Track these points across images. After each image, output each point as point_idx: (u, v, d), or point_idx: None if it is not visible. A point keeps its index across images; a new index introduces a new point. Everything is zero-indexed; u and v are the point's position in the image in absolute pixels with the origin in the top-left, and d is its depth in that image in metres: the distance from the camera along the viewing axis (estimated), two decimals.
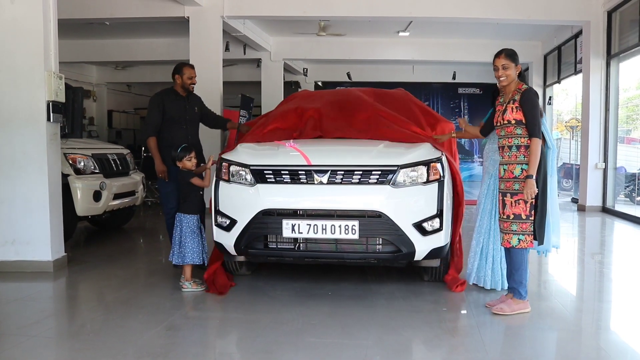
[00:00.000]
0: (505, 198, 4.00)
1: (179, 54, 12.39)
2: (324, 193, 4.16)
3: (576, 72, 11.81)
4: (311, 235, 4.10)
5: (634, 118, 13.43)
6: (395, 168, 4.16)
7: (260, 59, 13.63)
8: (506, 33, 12.63)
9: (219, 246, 4.50)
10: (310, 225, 4.10)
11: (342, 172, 4.16)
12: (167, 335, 3.51)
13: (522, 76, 4.18)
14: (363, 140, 4.75)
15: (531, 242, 3.94)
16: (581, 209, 10.21)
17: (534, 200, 3.90)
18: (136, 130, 19.59)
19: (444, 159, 4.44)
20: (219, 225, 4.45)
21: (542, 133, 4.32)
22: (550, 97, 14.17)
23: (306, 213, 4.14)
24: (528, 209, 3.91)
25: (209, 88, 9.04)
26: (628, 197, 11.32)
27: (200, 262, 4.55)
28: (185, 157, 4.62)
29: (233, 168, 4.43)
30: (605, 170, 10.08)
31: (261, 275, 5.08)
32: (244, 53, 12.44)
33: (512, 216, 3.94)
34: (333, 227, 4.08)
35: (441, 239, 4.24)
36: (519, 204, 3.92)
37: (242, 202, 4.31)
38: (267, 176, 4.25)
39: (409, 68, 15.98)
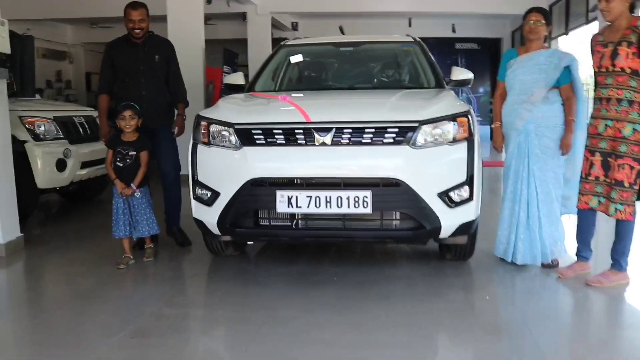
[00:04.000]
0: (609, 159, 3.37)
1: (158, 9, 11.31)
2: (327, 157, 3.34)
3: (588, 22, 10.90)
4: (312, 210, 3.29)
5: None
6: (416, 124, 3.33)
7: (246, 12, 12.56)
8: None
9: (199, 224, 3.70)
10: (310, 197, 3.28)
11: (350, 131, 3.32)
12: (132, 345, 2.72)
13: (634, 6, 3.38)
14: (373, 90, 3.91)
15: (630, 214, 3.32)
16: None
17: None
18: None
19: (472, 112, 3.61)
20: (198, 199, 3.63)
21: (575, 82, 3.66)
22: None
23: (305, 182, 3.33)
24: (634, 176, 3.28)
25: (190, 44, 8.15)
26: None
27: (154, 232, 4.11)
28: (119, 116, 4.00)
29: (214, 128, 3.58)
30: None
31: (251, 256, 4.29)
32: (228, 5, 11.38)
33: (613, 182, 3.34)
34: (339, 199, 3.26)
35: (471, 212, 3.45)
36: (623, 168, 3.29)
37: (225, 169, 3.48)
38: (255, 137, 3.41)
39: (405, 22, 14.98)
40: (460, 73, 4.45)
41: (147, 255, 4.13)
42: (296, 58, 5.18)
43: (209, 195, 3.55)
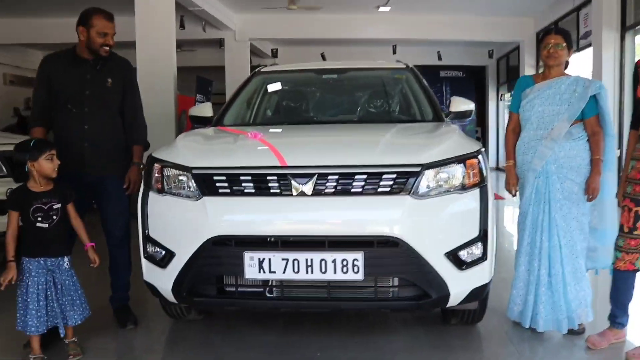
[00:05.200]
0: None
1: (129, 35, 10.77)
2: (307, 210, 2.69)
3: (578, 49, 10.54)
4: (289, 276, 2.63)
5: None
6: (418, 169, 2.70)
7: (223, 39, 12.04)
8: (496, 9, 11.42)
9: (152, 289, 3.01)
10: (287, 260, 2.62)
11: (336, 177, 2.69)
12: None
13: None
14: (362, 125, 3.30)
15: None
16: None
17: None
18: None
19: (483, 152, 3.00)
20: (149, 259, 2.95)
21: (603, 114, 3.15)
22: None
23: (281, 241, 2.67)
24: None
25: (160, 72, 7.63)
26: None
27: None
28: (45, 156, 2.92)
29: (168, 172, 2.92)
30: (621, 158, 8.80)
31: (218, 320, 3.59)
32: (204, 31, 10.84)
33: None
34: (323, 262, 2.61)
35: (485, 274, 2.82)
36: None
37: (182, 224, 2.82)
38: (218, 185, 2.75)
39: (389, 49, 14.60)
40: (461, 104, 3.89)
41: (74, 353, 2.98)
42: (275, 86, 4.57)
43: (162, 255, 2.88)
